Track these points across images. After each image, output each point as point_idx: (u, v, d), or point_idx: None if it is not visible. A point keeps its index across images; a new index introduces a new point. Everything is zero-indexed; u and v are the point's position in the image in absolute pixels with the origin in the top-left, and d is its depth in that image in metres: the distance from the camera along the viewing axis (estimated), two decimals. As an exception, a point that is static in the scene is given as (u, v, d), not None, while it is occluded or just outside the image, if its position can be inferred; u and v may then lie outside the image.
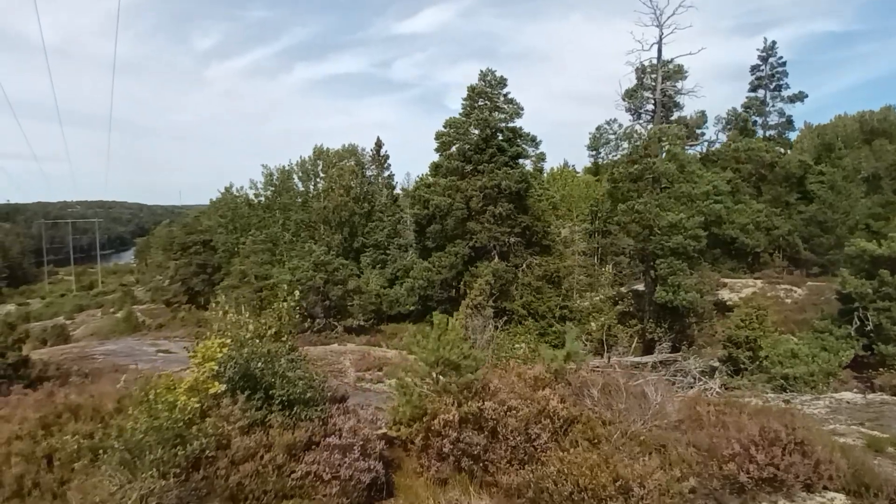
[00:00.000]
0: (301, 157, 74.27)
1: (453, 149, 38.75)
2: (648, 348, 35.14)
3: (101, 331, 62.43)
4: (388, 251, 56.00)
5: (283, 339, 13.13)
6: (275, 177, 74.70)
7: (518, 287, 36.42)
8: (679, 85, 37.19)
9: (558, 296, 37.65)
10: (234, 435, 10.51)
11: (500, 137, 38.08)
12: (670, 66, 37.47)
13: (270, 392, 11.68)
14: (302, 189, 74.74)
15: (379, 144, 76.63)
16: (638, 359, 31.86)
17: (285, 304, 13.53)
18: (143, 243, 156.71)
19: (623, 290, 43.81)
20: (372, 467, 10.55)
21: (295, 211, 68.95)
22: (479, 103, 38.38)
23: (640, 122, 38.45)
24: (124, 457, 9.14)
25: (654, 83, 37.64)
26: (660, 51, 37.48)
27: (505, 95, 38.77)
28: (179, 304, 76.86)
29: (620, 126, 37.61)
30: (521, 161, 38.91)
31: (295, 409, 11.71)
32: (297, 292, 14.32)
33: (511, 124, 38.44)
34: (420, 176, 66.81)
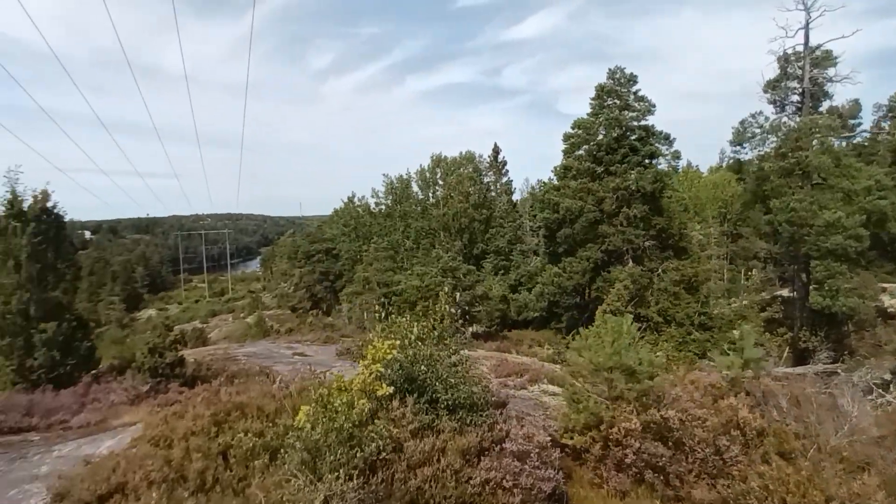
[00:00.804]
0: (420, 165, 75.26)
1: (582, 150, 37.61)
2: (800, 358, 32.46)
3: (233, 334, 65.36)
4: (510, 257, 55.44)
5: (446, 342, 12.76)
6: (394, 185, 76.15)
7: (653, 293, 34.68)
8: (831, 72, 34.24)
9: (696, 302, 35.54)
10: (406, 438, 10.21)
11: (632, 136, 36.53)
12: (819, 53, 34.62)
13: (434, 396, 11.33)
14: (421, 197, 75.69)
15: (496, 151, 76.44)
16: (790, 369, 29.45)
17: (446, 306, 13.17)
18: (269, 252, 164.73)
19: (765, 295, 40.93)
20: (552, 476, 9.89)
21: (415, 218, 69.81)
22: (609, 102, 37.07)
23: (786, 114, 35.73)
24: (304, 457, 8.99)
25: (800, 72, 34.91)
26: (807, 36, 34.76)
27: (635, 93, 37.23)
28: (304, 310, 79.84)
29: (766, 119, 34.99)
30: (654, 160, 37.15)
31: (460, 413, 11.29)
32: (457, 295, 13.89)
33: (643, 122, 36.82)
34: (541, 181, 65.93)
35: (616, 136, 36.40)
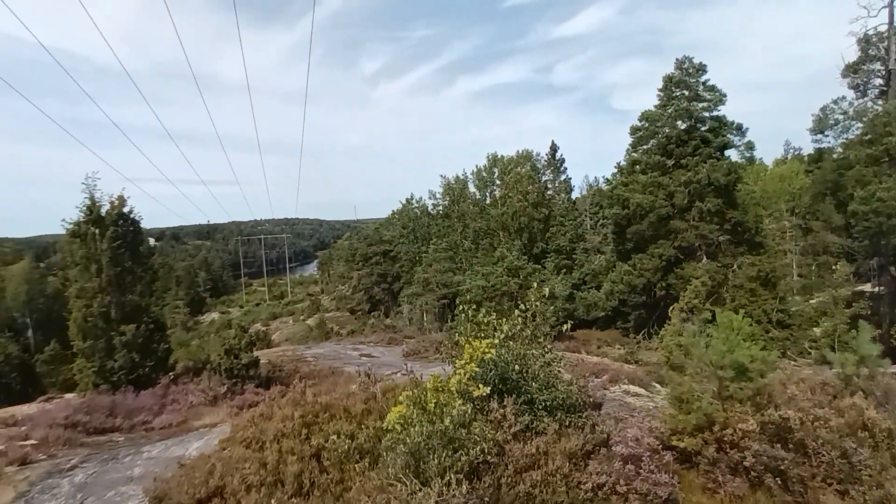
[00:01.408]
0: (476, 165, 74.81)
1: (649, 143, 36.38)
2: (892, 357, 30.54)
3: (294, 336, 65.93)
4: (573, 255, 54.37)
5: (540, 340, 12.16)
6: (452, 186, 75.85)
7: (728, 289, 33.27)
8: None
9: (774, 298, 33.92)
10: (507, 441, 9.70)
11: (703, 128, 35.15)
12: (905, 32, 32.67)
13: (531, 396, 10.78)
14: (479, 197, 75.19)
15: (553, 148, 75.28)
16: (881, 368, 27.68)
17: (538, 304, 12.59)
18: (325, 256, 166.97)
19: (844, 291, 38.86)
20: (667, 481, 9.21)
21: (472, 219, 69.30)
22: (677, 93, 35.78)
23: (868, 98, 33.83)
24: (408, 460, 8.57)
25: (884, 53, 32.98)
26: (891, 14, 32.84)
27: (704, 83, 35.82)
28: (363, 312, 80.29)
29: (851, 104, 33.18)
30: (726, 152, 35.64)
31: (558, 414, 10.72)
32: (547, 290, 13.33)
33: (714, 112, 35.35)
34: (605, 177, 64.66)
35: (686, 127, 35.10)
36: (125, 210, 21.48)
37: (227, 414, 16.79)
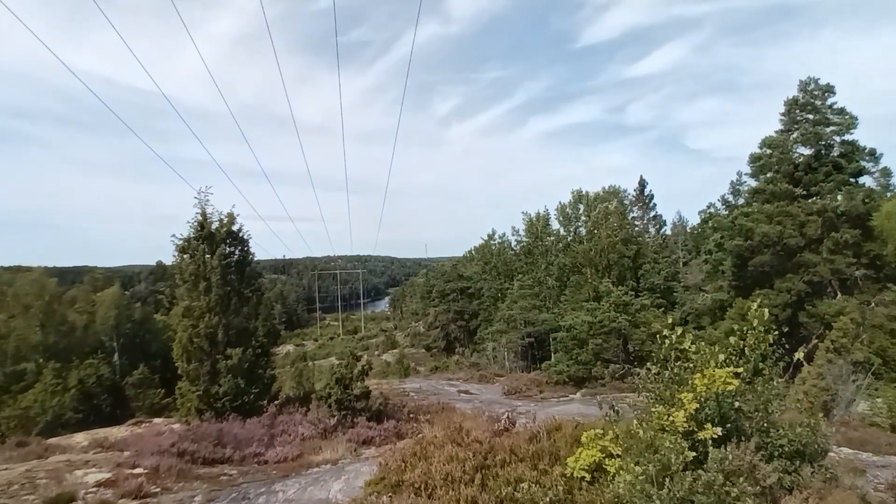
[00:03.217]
0: (560, 202, 72.94)
1: (771, 172, 33.43)
2: None
3: (372, 372, 64.58)
4: (672, 293, 51.28)
5: (764, 374, 9.88)
6: (534, 222, 73.97)
7: (866, 329, 29.72)
8: None
9: (920, 341, 30.11)
10: (757, 493, 7.55)
11: (835, 153, 32.11)
12: None
13: (763, 440, 8.57)
14: (563, 234, 73.05)
15: (642, 184, 72.68)
16: None
17: (756, 329, 10.34)
18: (398, 292, 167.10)
19: None
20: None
21: (556, 255, 67.05)
22: (802, 116, 32.98)
23: None
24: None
25: None
26: None
27: (831, 106, 32.91)
28: (438, 349, 78.55)
29: None
30: (860, 179, 32.37)
31: (796, 462, 8.47)
32: (765, 312, 11.01)
33: (845, 137, 32.27)
34: (709, 212, 61.62)
35: (814, 153, 32.17)
36: (234, 228, 20.46)
37: (346, 450, 15.05)
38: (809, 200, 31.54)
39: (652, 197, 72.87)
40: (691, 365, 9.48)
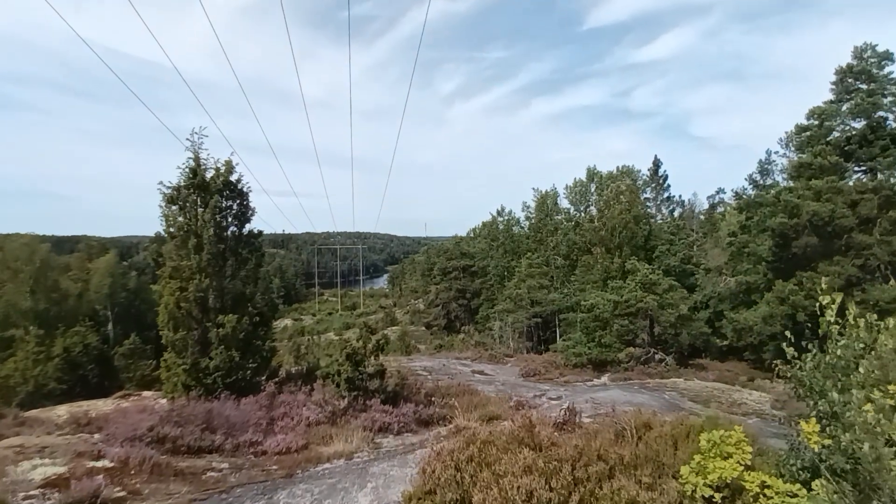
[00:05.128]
0: (574, 178, 70.46)
1: (820, 144, 30.61)
2: None
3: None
4: (690, 276, 48.72)
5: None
6: (546, 199, 71.53)
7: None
8: None
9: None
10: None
11: (893, 126, 29.33)
12: None
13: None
14: (573, 212, 70.63)
15: (656, 164, 70.03)
16: None
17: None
18: (397, 270, 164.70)
19: None
20: None
21: (565, 233, 64.56)
22: (855, 86, 30.18)
23: None
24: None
25: None
26: None
27: (887, 76, 30.08)
28: (438, 327, 76.45)
29: None
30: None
31: None
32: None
33: (904, 108, 29.47)
34: (732, 190, 59.22)
35: (871, 125, 29.38)
36: (233, 178, 17.68)
37: (362, 440, 12.45)
38: (864, 176, 28.83)
39: (666, 178, 70.46)
40: (861, 345, 6.86)
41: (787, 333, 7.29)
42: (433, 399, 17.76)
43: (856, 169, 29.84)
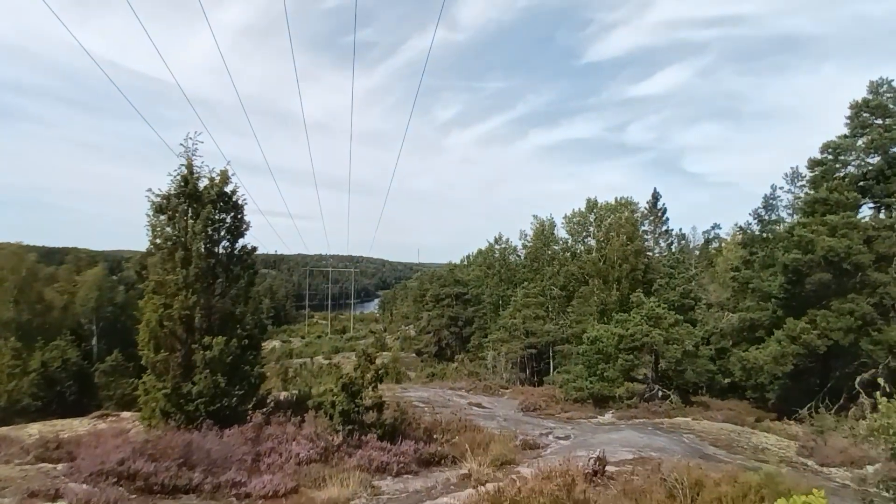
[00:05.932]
0: (573, 209, 69.69)
1: (833, 181, 29.74)
2: None
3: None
4: (689, 311, 47.73)
5: None
6: (544, 228, 70.81)
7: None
8: None
9: None
10: None
11: (910, 163, 28.56)
12: None
13: None
14: (571, 242, 69.83)
15: (655, 197, 69.34)
16: None
17: None
18: (389, 295, 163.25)
19: None
20: None
21: (563, 264, 63.68)
22: (872, 121, 29.47)
23: None
24: None
25: None
26: None
27: (902, 111, 29.43)
28: (429, 355, 75.18)
29: None
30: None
31: None
32: None
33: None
34: (739, 226, 58.55)
35: (889, 160, 28.58)
36: (228, 190, 16.47)
37: (359, 484, 11.09)
38: (878, 213, 27.95)
39: (665, 211, 69.75)
40: None
41: (880, 379, 6.17)
42: (434, 436, 16.43)
43: (870, 206, 29.03)
